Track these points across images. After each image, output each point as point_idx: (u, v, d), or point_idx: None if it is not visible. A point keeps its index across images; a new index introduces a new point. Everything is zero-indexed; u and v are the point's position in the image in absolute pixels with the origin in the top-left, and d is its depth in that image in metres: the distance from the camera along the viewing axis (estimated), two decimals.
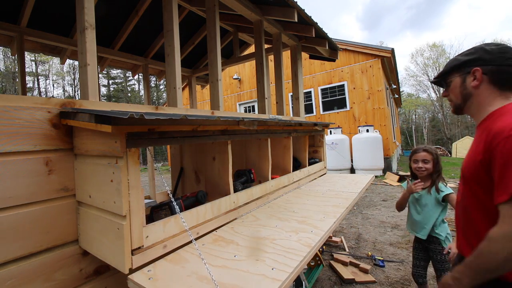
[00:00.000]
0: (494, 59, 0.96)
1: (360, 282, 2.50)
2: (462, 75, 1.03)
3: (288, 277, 0.89)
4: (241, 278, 0.89)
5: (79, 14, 1.35)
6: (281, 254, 1.05)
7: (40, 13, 2.79)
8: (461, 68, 1.03)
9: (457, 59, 1.06)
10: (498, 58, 0.95)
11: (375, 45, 9.45)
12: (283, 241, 1.18)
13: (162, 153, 21.54)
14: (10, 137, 0.95)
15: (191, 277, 0.90)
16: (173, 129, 1.14)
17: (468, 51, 1.04)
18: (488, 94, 0.98)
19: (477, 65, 0.98)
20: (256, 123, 1.51)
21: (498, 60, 0.95)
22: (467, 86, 1.02)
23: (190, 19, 3.56)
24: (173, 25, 1.78)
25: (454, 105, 1.09)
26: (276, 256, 1.03)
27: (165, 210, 1.30)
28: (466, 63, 1.02)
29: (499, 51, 0.96)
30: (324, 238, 1.26)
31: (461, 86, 1.04)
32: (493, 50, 0.97)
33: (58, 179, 1.06)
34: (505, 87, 0.96)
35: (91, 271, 1.14)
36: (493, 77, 0.96)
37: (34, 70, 28.21)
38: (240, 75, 12.26)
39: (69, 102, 1.13)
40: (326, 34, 3.01)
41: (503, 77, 0.95)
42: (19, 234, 0.95)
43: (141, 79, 29.72)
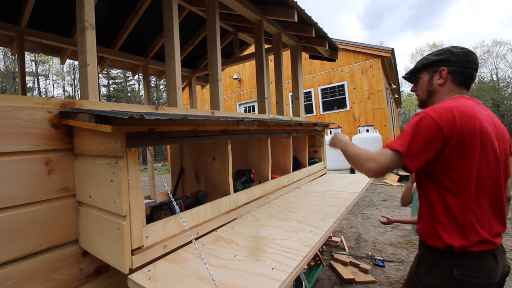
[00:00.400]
0: (458, 61, 1.08)
1: (360, 282, 2.50)
2: (430, 73, 1.15)
3: (288, 277, 0.89)
4: (241, 278, 0.89)
5: (79, 14, 1.35)
6: (281, 254, 1.05)
7: (40, 13, 2.79)
8: (430, 66, 1.15)
9: (427, 58, 1.17)
10: (462, 60, 1.08)
11: (375, 45, 9.45)
12: (283, 241, 1.18)
13: (162, 153, 21.55)
14: (10, 137, 0.95)
15: (191, 277, 0.90)
16: (173, 129, 1.14)
17: (437, 51, 1.16)
18: (448, 91, 1.11)
19: (444, 65, 1.11)
20: (256, 123, 1.50)
21: (462, 63, 1.08)
22: (433, 83, 1.14)
23: (190, 19, 3.56)
24: (173, 25, 1.78)
25: (420, 100, 1.22)
26: (276, 256, 1.03)
27: (165, 210, 1.30)
28: (435, 63, 1.13)
29: (463, 55, 1.09)
30: (324, 238, 1.26)
31: (428, 83, 1.16)
32: (458, 53, 1.09)
33: (58, 179, 1.06)
34: (463, 86, 1.11)
35: (91, 271, 1.14)
36: (455, 76, 1.10)
37: (34, 70, 28.21)
38: (240, 75, 12.26)
39: (69, 102, 1.13)
40: (326, 34, 3.01)
41: (464, 77, 1.09)
42: (19, 234, 0.95)
43: (141, 79, 29.73)
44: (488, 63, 30.51)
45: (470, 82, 1.11)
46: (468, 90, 1.12)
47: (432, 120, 0.96)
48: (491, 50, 30.18)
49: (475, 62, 1.10)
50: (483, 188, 0.97)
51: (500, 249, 1.01)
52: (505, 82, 28.45)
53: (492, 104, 28.26)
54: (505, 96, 27.45)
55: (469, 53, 1.09)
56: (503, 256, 1.02)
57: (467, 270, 0.95)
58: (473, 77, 1.11)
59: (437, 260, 1.02)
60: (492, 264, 0.96)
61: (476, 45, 46.01)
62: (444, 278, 0.98)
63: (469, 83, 1.11)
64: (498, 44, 29.84)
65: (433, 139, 0.96)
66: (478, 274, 0.94)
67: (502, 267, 1.00)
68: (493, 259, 0.97)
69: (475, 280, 0.94)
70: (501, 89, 28.10)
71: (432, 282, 1.00)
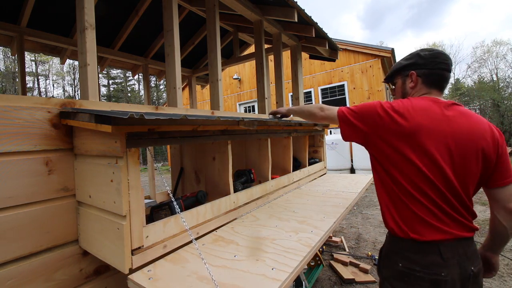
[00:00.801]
0: (426, 64, 1.11)
1: (360, 282, 2.50)
2: (402, 78, 1.21)
3: (288, 277, 0.89)
4: (241, 278, 0.89)
5: (79, 14, 1.35)
6: (281, 254, 1.05)
7: (40, 13, 2.79)
8: (401, 71, 1.20)
9: (399, 63, 1.22)
10: (430, 62, 1.11)
11: (375, 45, 9.45)
12: (283, 241, 1.18)
13: (162, 153, 21.54)
14: (10, 137, 0.95)
15: (191, 277, 0.90)
16: (173, 129, 1.14)
17: (407, 56, 1.20)
18: (419, 92, 1.15)
19: (412, 69, 1.15)
20: (256, 123, 1.50)
21: (430, 65, 1.11)
22: (406, 87, 1.19)
23: (190, 19, 3.56)
24: (173, 25, 1.78)
25: None
26: (276, 256, 1.03)
27: (165, 210, 1.30)
28: (405, 67, 1.18)
29: (431, 57, 1.11)
30: (324, 238, 1.26)
31: (402, 86, 1.21)
32: (426, 55, 1.12)
33: (58, 179, 1.06)
34: (433, 86, 1.13)
35: (91, 271, 1.14)
36: (425, 79, 1.12)
37: (34, 70, 28.21)
38: (240, 75, 12.25)
39: (69, 102, 1.13)
40: (326, 34, 3.01)
41: (434, 79, 1.12)
42: (19, 234, 0.95)
43: (141, 79, 29.72)
44: (488, 63, 30.52)
45: (442, 82, 1.12)
46: (441, 90, 1.14)
47: (380, 105, 1.06)
48: (491, 50, 30.19)
49: (445, 62, 1.10)
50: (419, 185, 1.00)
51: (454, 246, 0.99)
52: (505, 82, 28.44)
53: (492, 104, 28.26)
54: (505, 96, 27.43)
55: (436, 55, 1.11)
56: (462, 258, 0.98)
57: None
58: (444, 77, 1.12)
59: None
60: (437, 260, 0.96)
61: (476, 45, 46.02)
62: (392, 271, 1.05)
63: (442, 84, 1.12)
64: (498, 44, 29.84)
65: (369, 117, 1.07)
66: (421, 268, 0.97)
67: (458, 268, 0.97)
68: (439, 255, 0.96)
69: (419, 275, 0.97)
70: (501, 89, 28.09)
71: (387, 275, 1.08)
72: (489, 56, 30.37)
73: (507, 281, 2.44)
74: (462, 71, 33.03)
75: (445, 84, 1.13)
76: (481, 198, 5.42)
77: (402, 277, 1.01)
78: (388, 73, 1.29)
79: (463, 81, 33.31)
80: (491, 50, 30.26)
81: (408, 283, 0.99)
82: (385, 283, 1.09)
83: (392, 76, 1.27)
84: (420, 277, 0.97)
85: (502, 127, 26.70)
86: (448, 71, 1.12)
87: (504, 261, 2.80)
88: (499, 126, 26.91)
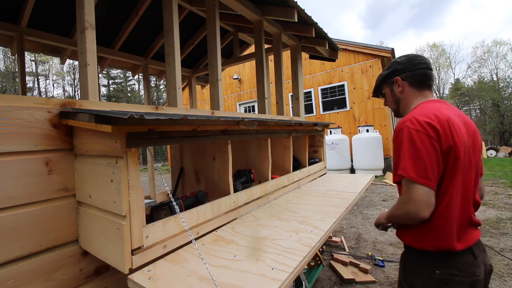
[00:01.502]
0: (406, 67, 1.18)
1: (360, 282, 2.50)
2: (389, 86, 1.26)
3: (288, 277, 0.89)
4: (241, 278, 0.89)
5: (79, 14, 1.35)
6: (281, 254, 1.05)
7: (40, 13, 2.79)
8: (386, 80, 1.27)
9: (381, 74, 1.29)
10: (409, 65, 1.17)
11: (375, 45, 9.45)
12: (283, 241, 1.18)
13: (162, 153, 21.54)
14: (10, 137, 0.95)
15: (191, 277, 0.90)
16: (173, 129, 1.14)
17: (387, 66, 1.27)
18: (411, 95, 1.19)
19: (395, 75, 1.21)
20: (256, 123, 1.50)
21: (410, 67, 1.17)
22: (395, 93, 1.23)
23: (190, 19, 3.56)
24: (173, 25, 1.78)
25: (393, 110, 1.31)
26: (276, 256, 1.03)
27: (165, 210, 1.30)
28: (388, 76, 1.25)
29: (407, 60, 1.18)
30: (324, 238, 1.26)
31: (391, 94, 1.26)
32: (403, 61, 1.20)
33: (58, 179, 1.06)
34: (422, 86, 1.17)
35: (91, 271, 1.14)
36: (410, 80, 1.17)
37: (34, 70, 28.21)
38: (240, 75, 12.25)
39: (69, 102, 1.13)
40: (326, 34, 3.01)
41: (418, 79, 1.16)
42: (19, 234, 0.95)
43: (141, 79, 29.72)
44: (488, 63, 30.53)
45: (427, 80, 1.16)
46: (430, 90, 1.17)
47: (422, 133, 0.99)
48: (491, 50, 30.19)
49: (423, 61, 1.16)
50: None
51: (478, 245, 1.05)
52: (505, 82, 28.45)
53: (492, 104, 28.25)
54: (505, 96, 27.44)
55: (412, 57, 1.18)
56: (483, 254, 1.05)
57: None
58: (427, 75, 1.15)
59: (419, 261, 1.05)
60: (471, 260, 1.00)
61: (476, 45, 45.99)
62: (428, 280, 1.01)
63: (428, 82, 1.16)
64: (498, 44, 29.84)
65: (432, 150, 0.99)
66: (459, 272, 0.97)
67: (484, 265, 1.02)
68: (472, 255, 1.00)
69: (458, 279, 0.96)
70: (501, 89, 28.10)
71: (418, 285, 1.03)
72: (489, 56, 30.36)
73: (507, 281, 2.44)
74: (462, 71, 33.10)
75: (431, 82, 1.17)
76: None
77: (441, 285, 0.98)
78: (374, 87, 1.35)
79: (463, 81, 33.30)
80: (491, 50, 30.25)
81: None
82: None
83: (378, 88, 1.32)
84: (459, 282, 0.96)
85: (502, 127, 26.69)
86: (429, 69, 1.17)
87: (504, 261, 2.80)
88: (499, 126, 26.89)
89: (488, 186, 6.50)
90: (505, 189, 6.08)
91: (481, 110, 32.38)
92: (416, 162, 0.96)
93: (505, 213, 4.36)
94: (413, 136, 0.98)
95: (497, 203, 4.95)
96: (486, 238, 3.40)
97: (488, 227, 3.79)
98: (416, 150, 0.97)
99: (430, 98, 1.15)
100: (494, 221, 4.04)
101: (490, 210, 4.60)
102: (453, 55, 33.52)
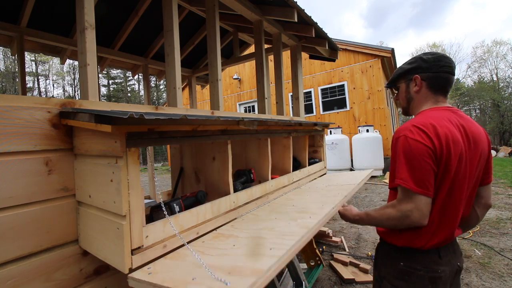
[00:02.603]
0: (430, 67, 1.10)
1: (360, 282, 2.50)
2: (406, 82, 1.18)
3: (285, 253, 0.89)
4: (240, 260, 0.90)
5: (79, 14, 1.35)
6: (280, 237, 1.06)
7: (40, 13, 2.79)
8: (405, 75, 1.18)
9: (402, 67, 1.20)
10: (433, 66, 1.09)
11: (375, 45, 9.45)
12: (281, 228, 1.18)
13: (162, 153, 21.54)
14: (10, 137, 0.95)
15: (190, 266, 0.91)
16: (173, 129, 1.14)
17: (410, 60, 1.19)
18: (424, 97, 1.13)
19: (416, 73, 1.13)
20: (256, 123, 1.50)
21: (434, 68, 1.09)
22: (410, 91, 1.17)
23: (190, 19, 3.57)
24: (173, 25, 1.78)
25: (402, 107, 1.25)
26: (275, 239, 1.04)
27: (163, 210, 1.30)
28: (408, 71, 1.16)
29: (434, 60, 1.10)
30: (323, 221, 1.25)
31: (406, 91, 1.19)
32: (429, 59, 1.11)
33: (58, 179, 1.06)
34: (439, 91, 1.11)
35: (91, 271, 1.14)
36: (430, 82, 1.11)
37: (34, 70, 28.21)
38: (240, 75, 12.25)
39: (69, 102, 1.13)
40: (326, 34, 3.01)
41: (438, 82, 1.10)
42: (19, 234, 0.95)
43: (141, 79, 29.71)
44: (488, 63, 30.51)
45: (446, 86, 1.11)
46: (445, 96, 1.13)
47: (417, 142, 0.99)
48: (491, 50, 30.18)
49: (449, 65, 1.09)
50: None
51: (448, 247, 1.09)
52: (505, 82, 28.44)
53: (492, 104, 28.25)
54: (505, 96, 27.43)
55: (440, 58, 1.10)
56: (452, 255, 1.09)
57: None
58: (449, 81, 1.11)
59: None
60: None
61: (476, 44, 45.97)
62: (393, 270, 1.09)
63: (446, 88, 1.12)
64: (498, 44, 29.84)
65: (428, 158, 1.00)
66: (422, 267, 1.03)
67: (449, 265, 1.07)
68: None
69: (420, 273, 1.03)
70: (501, 89, 28.09)
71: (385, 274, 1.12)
72: (489, 56, 30.36)
73: (507, 281, 2.44)
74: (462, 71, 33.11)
75: (449, 88, 1.13)
76: None
77: (403, 276, 1.05)
78: (391, 77, 1.27)
79: (463, 81, 33.28)
80: (491, 50, 30.24)
81: (409, 281, 1.04)
82: (384, 282, 1.11)
83: (395, 80, 1.24)
84: (420, 276, 1.02)
85: (502, 127, 26.69)
86: (452, 74, 1.11)
87: (504, 261, 2.80)
88: (499, 126, 26.89)
89: None
90: (505, 189, 6.08)
91: (481, 110, 32.37)
92: (413, 171, 0.97)
93: (505, 213, 4.37)
94: (410, 145, 0.98)
95: (497, 203, 4.95)
96: (486, 238, 3.40)
97: (488, 227, 3.79)
98: (413, 160, 0.98)
99: (441, 105, 1.11)
100: (494, 221, 4.04)
101: (490, 210, 4.59)
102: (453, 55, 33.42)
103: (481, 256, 2.93)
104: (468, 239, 3.40)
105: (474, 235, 3.52)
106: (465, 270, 2.67)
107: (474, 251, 3.06)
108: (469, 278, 2.52)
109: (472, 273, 2.60)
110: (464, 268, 2.70)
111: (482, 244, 3.23)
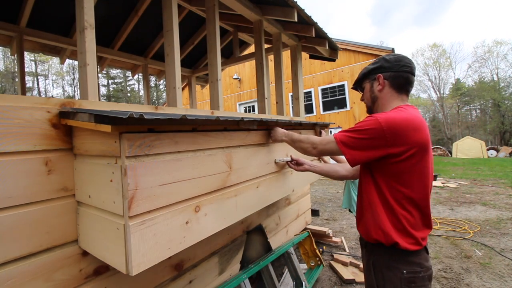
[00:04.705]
0: (392, 67, 1.15)
1: (361, 282, 2.50)
2: (370, 81, 1.23)
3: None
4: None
5: (79, 14, 1.35)
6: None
7: (39, 13, 2.79)
8: (368, 75, 1.23)
9: (366, 67, 1.25)
10: (395, 65, 1.14)
11: (375, 45, 9.45)
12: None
13: None
14: (10, 137, 0.94)
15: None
16: (172, 129, 1.13)
17: (374, 61, 1.24)
18: (389, 96, 1.17)
19: (379, 72, 1.18)
20: (255, 123, 1.50)
21: (395, 67, 1.14)
22: (374, 90, 1.21)
23: (190, 19, 3.56)
24: (173, 25, 1.78)
25: (367, 107, 1.29)
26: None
27: None
28: (372, 71, 1.21)
29: (395, 60, 1.15)
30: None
31: (370, 90, 1.23)
32: (391, 59, 1.16)
33: (57, 179, 1.06)
34: (402, 90, 1.16)
35: (91, 271, 1.13)
36: (392, 81, 1.15)
37: (34, 70, 28.22)
38: (240, 75, 12.25)
39: (69, 102, 1.13)
40: (326, 34, 3.01)
41: (400, 82, 1.15)
42: (19, 234, 0.95)
43: (140, 79, 29.70)
44: (488, 63, 30.51)
45: (407, 86, 1.16)
46: (407, 95, 1.18)
47: (379, 123, 1.02)
48: (491, 49, 30.18)
49: (409, 65, 1.14)
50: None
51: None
52: (505, 82, 28.44)
53: (493, 104, 28.24)
54: (505, 96, 27.43)
55: (400, 58, 1.15)
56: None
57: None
58: (409, 80, 1.15)
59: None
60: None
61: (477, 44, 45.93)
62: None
63: (407, 87, 1.16)
64: (499, 44, 29.82)
65: (375, 140, 1.03)
66: (421, 268, 1.03)
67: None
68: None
69: (422, 275, 1.02)
70: (502, 89, 28.09)
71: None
72: (490, 56, 30.34)
73: (508, 282, 2.43)
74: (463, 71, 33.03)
75: (410, 87, 1.17)
76: (481, 198, 5.43)
77: (409, 284, 1.01)
78: (356, 78, 1.31)
79: (463, 81, 33.28)
80: (491, 49, 30.22)
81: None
82: None
83: (360, 81, 1.28)
84: (422, 277, 1.02)
85: (502, 127, 26.68)
86: (412, 74, 1.15)
87: (505, 261, 2.80)
88: (499, 126, 26.87)
89: (489, 186, 6.49)
90: (505, 189, 6.08)
91: (482, 110, 32.36)
92: (353, 141, 1.06)
93: (505, 213, 4.36)
94: (372, 125, 1.03)
95: (497, 203, 4.95)
96: (486, 239, 3.40)
97: (488, 227, 3.79)
98: (364, 136, 1.04)
99: (406, 103, 1.16)
100: (494, 221, 4.04)
101: (491, 210, 4.59)
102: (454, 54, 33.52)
103: (482, 257, 2.93)
104: (468, 239, 3.40)
105: (474, 235, 3.51)
106: (465, 270, 2.67)
107: (475, 252, 3.05)
108: (469, 278, 2.52)
109: (472, 274, 2.60)
110: (465, 268, 2.70)
111: (483, 245, 3.22)
